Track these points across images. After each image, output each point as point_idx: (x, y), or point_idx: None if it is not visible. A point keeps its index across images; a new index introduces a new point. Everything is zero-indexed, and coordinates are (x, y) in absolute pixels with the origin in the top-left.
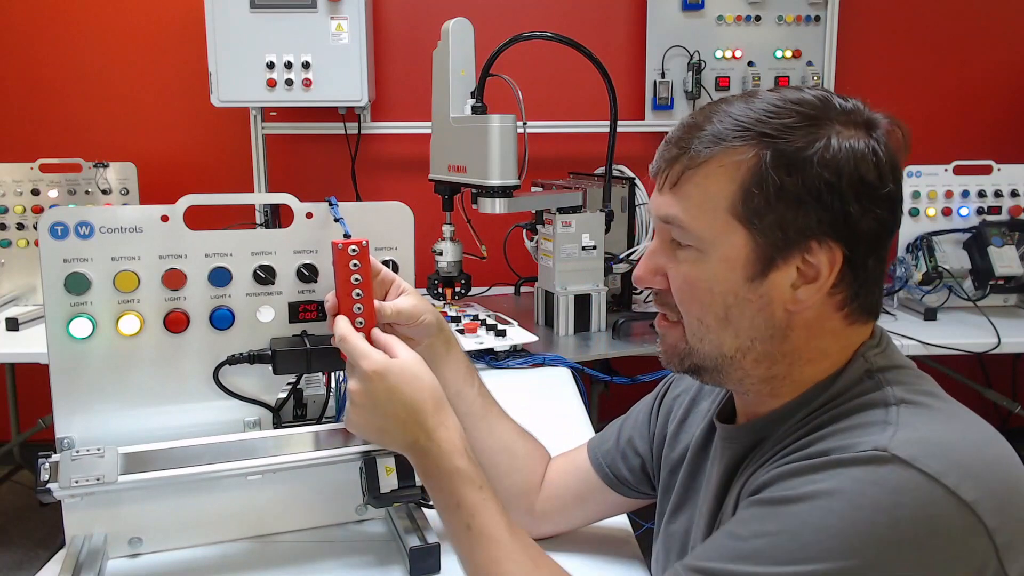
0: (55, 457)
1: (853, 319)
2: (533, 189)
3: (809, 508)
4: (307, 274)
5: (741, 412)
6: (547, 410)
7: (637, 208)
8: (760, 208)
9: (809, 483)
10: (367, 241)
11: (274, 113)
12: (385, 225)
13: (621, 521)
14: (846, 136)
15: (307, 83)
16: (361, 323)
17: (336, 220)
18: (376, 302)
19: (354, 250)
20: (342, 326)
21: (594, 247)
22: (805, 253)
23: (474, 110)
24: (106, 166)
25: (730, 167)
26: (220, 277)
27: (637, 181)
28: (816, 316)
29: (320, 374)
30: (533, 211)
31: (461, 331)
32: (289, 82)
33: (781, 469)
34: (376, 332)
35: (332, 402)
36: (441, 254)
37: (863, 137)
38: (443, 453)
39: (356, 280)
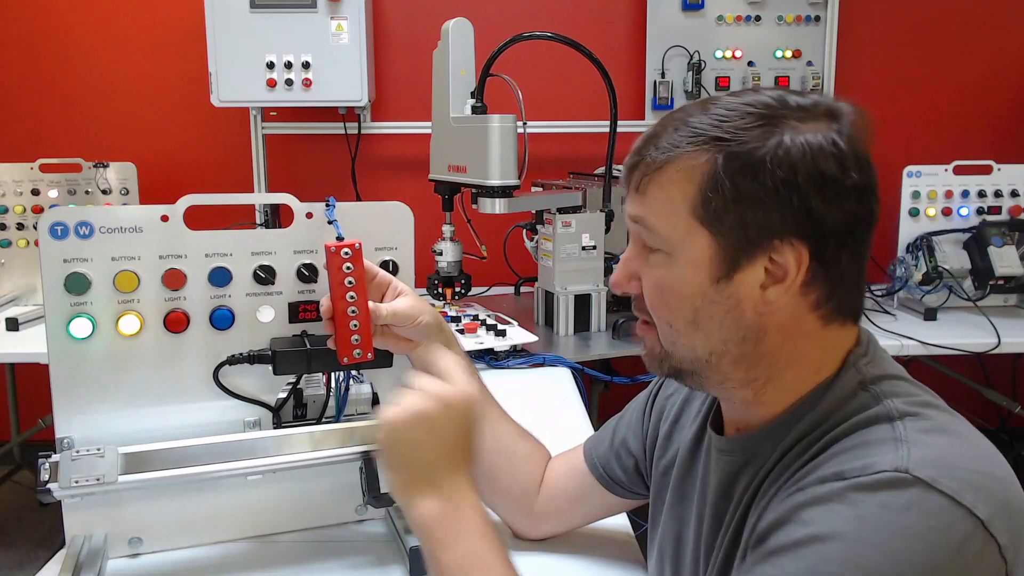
0: (55, 457)
1: (830, 319)
2: (533, 189)
3: (842, 547)
4: (307, 274)
5: (729, 422)
6: (547, 410)
7: None
8: (719, 210)
9: (833, 514)
10: (360, 243)
11: (274, 113)
12: (385, 225)
13: (621, 521)
14: (802, 131)
15: (307, 83)
16: (356, 325)
17: (330, 222)
18: (372, 304)
19: (347, 252)
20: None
21: (594, 247)
22: (771, 253)
23: (474, 110)
24: (106, 166)
25: (687, 171)
26: (220, 277)
27: None
28: (790, 317)
29: (320, 374)
30: (533, 211)
31: (461, 331)
32: (289, 82)
33: (797, 499)
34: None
35: (332, 402)
36: (441, 254)
37: (822, 130)
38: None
39: (350, 283)
